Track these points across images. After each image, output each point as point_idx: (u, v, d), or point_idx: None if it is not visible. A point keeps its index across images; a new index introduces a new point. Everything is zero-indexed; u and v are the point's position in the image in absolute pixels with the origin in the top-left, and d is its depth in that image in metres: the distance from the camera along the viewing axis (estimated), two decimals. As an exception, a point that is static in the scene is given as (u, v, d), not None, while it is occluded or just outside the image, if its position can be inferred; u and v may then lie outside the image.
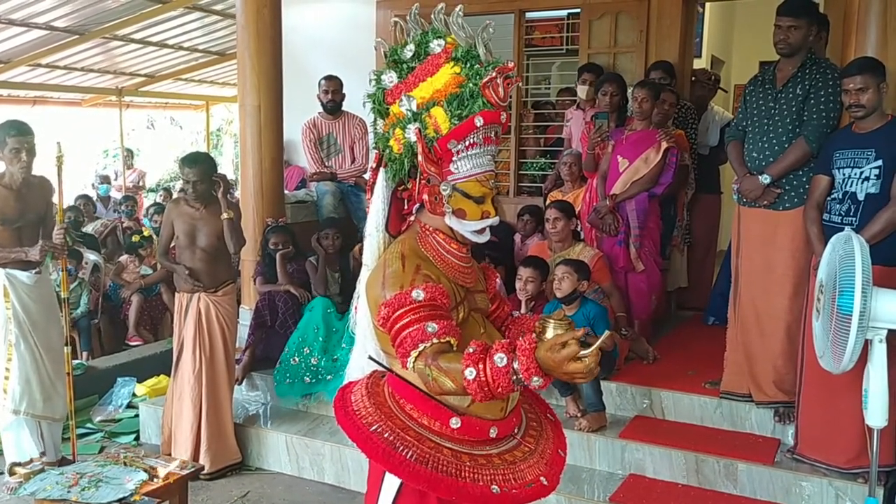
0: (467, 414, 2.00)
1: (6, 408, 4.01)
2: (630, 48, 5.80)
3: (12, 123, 3.97)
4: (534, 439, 2.15)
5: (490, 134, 1.99)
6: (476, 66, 1.95)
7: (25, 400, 4.01)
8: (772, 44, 3.76)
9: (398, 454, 1.92)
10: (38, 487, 2.94)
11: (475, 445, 2.01)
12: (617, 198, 4.70)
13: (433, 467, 1.92)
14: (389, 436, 1.96)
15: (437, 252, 2.04)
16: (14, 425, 4.07)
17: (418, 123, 1.95)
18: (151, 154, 14.58)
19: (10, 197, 3.92)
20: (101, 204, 8.99)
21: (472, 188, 2.00)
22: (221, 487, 4.17)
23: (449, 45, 1.97)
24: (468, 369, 1.74)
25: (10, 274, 3.95)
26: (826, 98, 3.61)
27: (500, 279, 4.56)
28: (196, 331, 4.21)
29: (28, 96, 9.90)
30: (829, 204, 3.45)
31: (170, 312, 6.44)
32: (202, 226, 4.21)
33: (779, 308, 3.76)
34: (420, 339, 1.84)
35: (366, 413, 2.03)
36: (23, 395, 4.00)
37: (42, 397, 4.04)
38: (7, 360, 3.99)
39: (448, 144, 1.96)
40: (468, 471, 1.95)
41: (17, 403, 4.00)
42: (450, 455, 1.96)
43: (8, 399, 4.00)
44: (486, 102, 1.94)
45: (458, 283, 2.05)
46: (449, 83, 1.96)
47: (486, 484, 1.94)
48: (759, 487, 3.61)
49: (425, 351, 1.83)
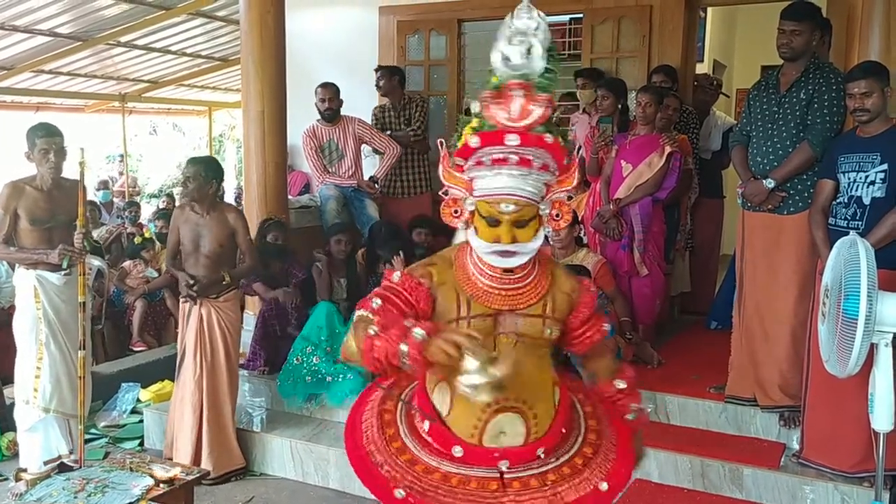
0: (439, 422, 2.00)
1: (37, 405, 4.06)
2: (633, 53, 5.81)
3: (41, 125, 4.06)
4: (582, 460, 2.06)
5: (500, 155, 1.84)
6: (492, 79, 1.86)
7: (56, 398, 4.07)
8: (774, 48, 3.76)
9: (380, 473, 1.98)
10: (45, 493, 2.95)
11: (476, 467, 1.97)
12: (621, 202, 4.71)
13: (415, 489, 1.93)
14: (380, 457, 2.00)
15: (464, 266, 1.99)
16: (43, 424, 4.11)
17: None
18: (154, 160, 14.64)
19: (41, 198, 4.00)
20: (103, 210, 9.01)
21: (482, 208, 1.89)
22: (226, 493, 4.17)
23: None
24: (372, 327, 1.78)
25: (41, 275, 4.03)
26: (830, 102, 3.61)
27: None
28: (197, 336, 4.21)
29: (31, 102, 9.94)
30: (835, 208, 3.45)
31: (174, 317, 6.45)
32: (206, 232, 4.21)
33: (783, 312, 3.76)
34: (362, 305, 1.90)
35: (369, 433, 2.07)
36: (53, 393, 4.06)
37: (71, 396, 4.09)
38: (38, 359, 4.05)
39: (457, 160, 1.93)
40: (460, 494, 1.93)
41: (47, 402, 4.06)
42: (439, 478, 1.95)
43: (39, 397, 4.05)
44: (485, 123, 1.87)
45: (482, 301, 1.96)
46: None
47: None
48: (764, 492, 3.61)
49: (359, 318, 1.87)
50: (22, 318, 4.09)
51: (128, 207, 8.51)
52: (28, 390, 4.07)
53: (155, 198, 12.18)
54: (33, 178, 4.03)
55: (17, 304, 4.14)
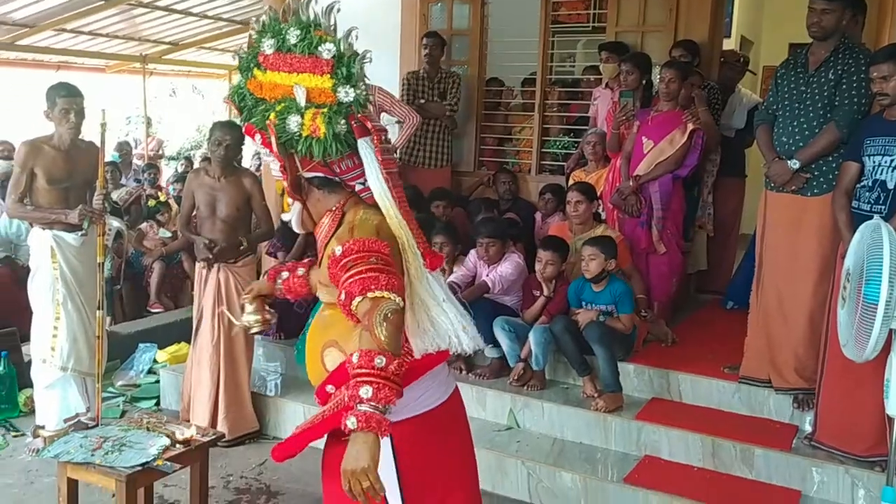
0: None
1: (54, 365, 4.11)
2: (659, 27, 5.71)
3: (62, 85, 4.07)
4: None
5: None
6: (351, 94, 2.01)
7: (73, 357, 4.12)
8: (803, 25, 3.70)
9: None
10: (62, 450, 2.98)
11: None
12: (641, 179, 4.67)
13: None
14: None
15: None
16: (61, 383, 4.17)
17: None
18: (172, 122, 14.63)
19: (59, 157, 4.02)
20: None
21: None
22: (240, 455, 4.22)
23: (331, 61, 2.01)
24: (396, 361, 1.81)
25: (57, 235, 4.05)
26: (858, 84, 3.55)
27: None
28: (215, 301, 4.24)
29: (52, 61, 9.93)
30: (859, 191, 3.40)
31: (190, 281, 6.50)
32: (222, 196, 4.22)
33: (803, 294, 3.74)
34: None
35: None
36: (70, 353, 4.11)
37: (88, 355, 4.14)
38: (55, 319, 4.09)
39: None
40: None
41: (64, 360, 4.11)
42: None
43: (56, 356, 4.10)
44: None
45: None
46: (321, 93, 2.01)
47: None
48: (774, 473, 3.61)
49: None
50: (38, 277, 4.12)
51: (147, 169, 8.53)
52: (45, 349, 4.12)
53: (174, 160, 12.19)
54: (51, 137, 4.04)
55: (33, 264, 4.15)
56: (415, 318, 2.02)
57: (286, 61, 2.03)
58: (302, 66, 2.02)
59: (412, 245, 2.05)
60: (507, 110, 6.50)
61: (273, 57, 2.04)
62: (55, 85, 4.06)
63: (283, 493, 3.86)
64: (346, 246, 1.94)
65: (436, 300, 2.06)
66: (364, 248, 1.93)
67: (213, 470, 3.61)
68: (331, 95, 2.01)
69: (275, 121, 2.02)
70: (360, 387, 1.76)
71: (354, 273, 1.90)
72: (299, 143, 2.02)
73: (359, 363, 1.79)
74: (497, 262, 4.51)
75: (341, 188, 2.13)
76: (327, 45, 2.01)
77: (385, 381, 1.76)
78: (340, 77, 2.01)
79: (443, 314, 2.05)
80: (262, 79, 2.06)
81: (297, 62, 2.02)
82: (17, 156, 4.07)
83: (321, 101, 2.02)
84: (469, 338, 2.07)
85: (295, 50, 2.02)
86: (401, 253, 2.04)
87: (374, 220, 2.04)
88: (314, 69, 2.01)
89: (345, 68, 2.01)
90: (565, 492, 3.70)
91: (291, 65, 2.02)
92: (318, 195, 2.14)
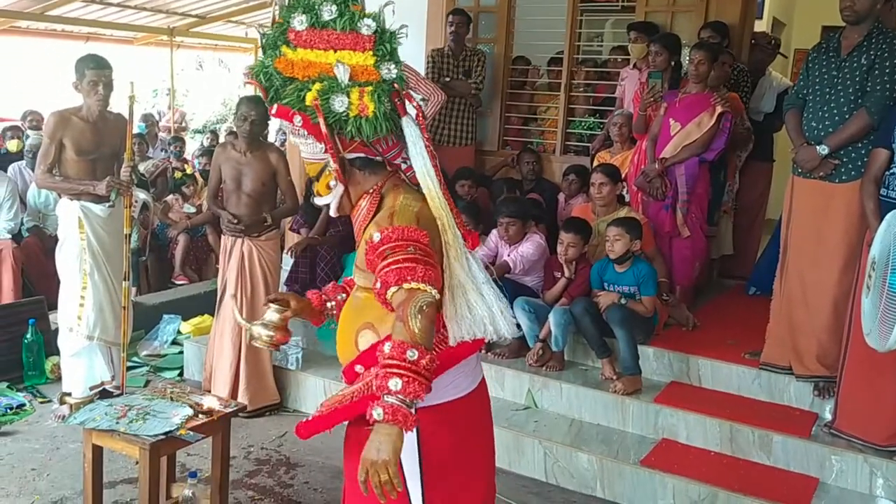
0: None
1: (80, 334, 4.19)
2: (689, 7, 5.63)
3: (91, 57, 4.09)
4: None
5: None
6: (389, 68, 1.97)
7: (99, 326, 4.20)
8: (836, 8, 3.63)
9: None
10: (88, 417, 3.03)
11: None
12: (666, 162, 4.63)
13: None
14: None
15: None
16: (87, 351, 4.24)
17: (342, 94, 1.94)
18: (198, 95, 14.68)
19: (87, 129, 4.06)
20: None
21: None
22: (260, 426, 4.28)
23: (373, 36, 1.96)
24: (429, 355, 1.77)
25: (85, 206, 4.11)
26: (891, 70, 3.48)
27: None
28: (238, 274, 4.28)
29: (81, 32, 9.99)
30: (888, 179, 3.35)
31: (215, 253, 6.57)
32: (248, 171, 4.25)
33: (827, 282, 3.70)
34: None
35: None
36: (96, 322, 4.19)
37: (114, 324, 4.21)
38: (82, 289, 4.16)
39: None
40: None
41: (91, 329, 4.18)
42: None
43: (83, 325, 4.18)
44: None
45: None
46: (363, 70, 1.96)
47: None
48: (792, 459, 3.61)
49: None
50: (66, 247, 4.18)
51: (173, 142, 8.58)
52: (72, 318, 4.19)
53: (199, 133, 12.25)
54: (79, 108, 4.08)
55: (61, 234, 4.21)
56: (453, 302, 1.96)
57: (322, 37, 1.95)
58: (342, 42, 1.95)
59: (453, 225, 1.99)
60: (533, 89, 6.45)
61: (307, 33, 1.96)
62: (84, 56, 4.09)
63: (303, 464, 3.91)
64: (385, 233, 1.89)
65: (475, 283, 2.00)
66: (403, 237, 1.87)
67: (235, 440, 3.66)
68: (374, 73, 1.95)
69: (319, 101, 1.92)
70: (390, 378, 1.72)
71: (392, 262, 1.84)
72: (347, 123, 1.94)
73: (390, 353, 1.75)
74: (517, 242, 4.51)
75: (382, 168, 2.07)
76: (367, 20, 1.95)
77: (415, 375, 1.72)
78: (384, 53, 1.96)
79: (480, 298, 1.99)
80: (293, 56, 1.96)
81: (336, 38, 1.95)
82: (46, 127, 4.11)
83: (364, 78, 1.94)
84: (507, 323, 2.02)
85: (332, 26, 1.95)
86: (440, 235, 1.98)
87: (415, 207, 1.97)
88: (355, 45, 1.95)
89: (387, 44, 1.96)
90: (582, 472, 3.72)
91: (329, 41, 1.95)
92: (358, 177, 2.06)
